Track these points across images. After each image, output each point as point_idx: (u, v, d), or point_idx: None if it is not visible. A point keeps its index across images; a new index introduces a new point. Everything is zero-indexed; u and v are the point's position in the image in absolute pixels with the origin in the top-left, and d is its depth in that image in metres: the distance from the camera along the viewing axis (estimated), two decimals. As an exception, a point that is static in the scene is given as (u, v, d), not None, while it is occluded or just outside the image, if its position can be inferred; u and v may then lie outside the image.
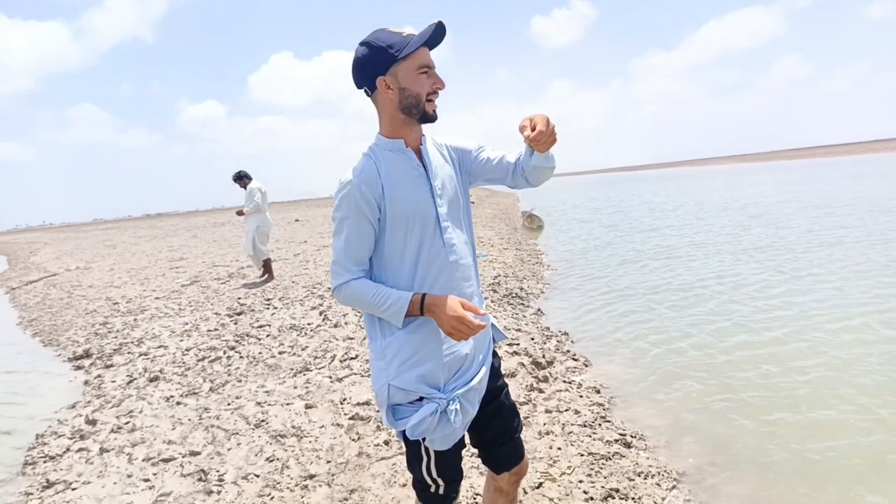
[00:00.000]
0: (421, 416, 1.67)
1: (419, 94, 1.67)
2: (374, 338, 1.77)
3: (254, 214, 9.46)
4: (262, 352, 5.50)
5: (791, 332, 5.34)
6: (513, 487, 1.95)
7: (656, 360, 5.00)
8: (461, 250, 1.80)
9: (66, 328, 7.91)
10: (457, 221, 1.81)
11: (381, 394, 1.74)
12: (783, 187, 27.71)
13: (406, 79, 1.66)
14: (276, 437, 3.65)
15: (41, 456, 3.77)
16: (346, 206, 1.67)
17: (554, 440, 3.39)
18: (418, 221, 1.70)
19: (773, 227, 12.57)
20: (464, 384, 1.76)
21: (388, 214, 1.68)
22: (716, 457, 3.35)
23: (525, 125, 1.65)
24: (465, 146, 1.91)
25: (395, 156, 1.73)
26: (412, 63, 1.65)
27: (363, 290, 1.69)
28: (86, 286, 11.94)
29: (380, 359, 1.74)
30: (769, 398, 4.04)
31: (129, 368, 5.51)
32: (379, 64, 1.66)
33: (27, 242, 39.16)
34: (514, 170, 1.87)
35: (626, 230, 15.15)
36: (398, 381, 1.70)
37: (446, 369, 1.73)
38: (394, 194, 1.68)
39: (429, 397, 1.70)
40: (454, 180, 1.83)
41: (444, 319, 1.64)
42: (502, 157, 1.90)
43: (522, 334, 5.51)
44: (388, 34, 1.66)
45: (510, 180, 1.90)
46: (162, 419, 4.15)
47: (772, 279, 7.56)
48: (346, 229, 1.68)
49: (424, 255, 1.72)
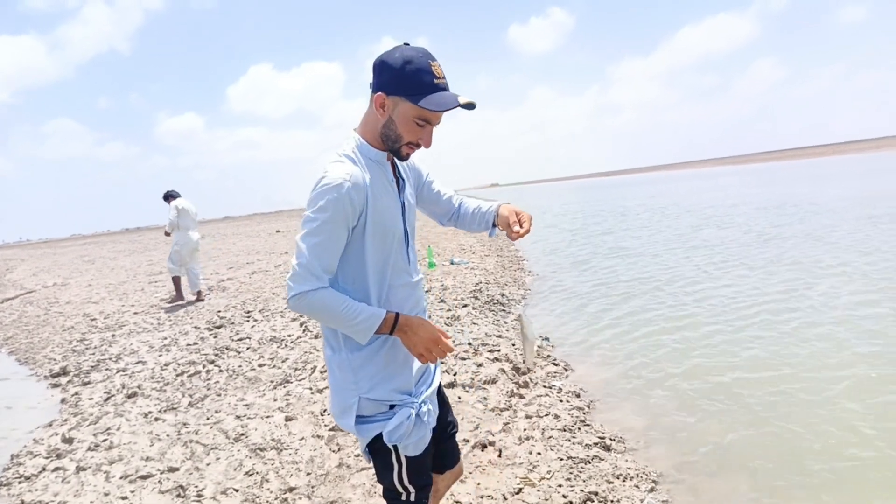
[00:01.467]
0: (398, 422, 1.67)
1: (401, 136, 1.62)
2: (337, 349, 1.71)
3: (173, 232, 9.31)
4: (242, 365, 5.47)
5: (772, 336, 5.42)
6: (446, 489, 2.05)
7: (636, 363, 5.04)
8: (417, 268, 1.84)
9: (43, 346, 7.78)
10: (413, 239, 1.82)
11: (347, 406, 1.70)
12: (754, 189, 28.14)
13: (400, 116, 1.60)
14: (255, 451, 3.62)
15: (16, 476, 3.71)
16: (332, 209, 1.54)
17: (534, 445, 3.40)
18: (390, 236, 1.67)
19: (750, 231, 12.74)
20: (428, 386, 1.81)
21: (366, 224, 1.61)
22: (694, 457, 3.39)
23: (515, 221, 1.81)
24: (420, 168, 1.93)
25: (375, 166, 1.68)
26: (416, 111, 1.58)
27: (332, 301, 1.57)
28: (63, 302, 11.76)
29: (346, 371, 1.69)
30: (748, 399, 4.10)
31: (107, 385, 5.43)
32: (391, 85, 1.57)
33: (3, 260, 38.45)
34: (453, 214, 2.01)
35: (601, 235, 15.27)
36: (372, 394, 1.68)
37: (416, 376, 1.77)
38: (375, 205, 1.62)
39: (401, 404, 1.70)
40: (413, 198, 1.85)
41: (418, 341, 1.63)
42: (450, 196, 2.00)
43: (503, 340, 5.53)
44: (425, 66, 1.55)
45: (444, 220, 2.03)
46: (140, 435, 4.11)
47: (752, 281, 7.67)
48: (326, 234, 1.55)
49: (390, 270, 1.70)
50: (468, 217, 1.99)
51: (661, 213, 20.16)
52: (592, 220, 20.77)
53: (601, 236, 15.01)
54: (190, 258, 9.38)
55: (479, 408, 3.92)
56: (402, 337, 1.64)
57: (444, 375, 4.49)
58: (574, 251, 12.63)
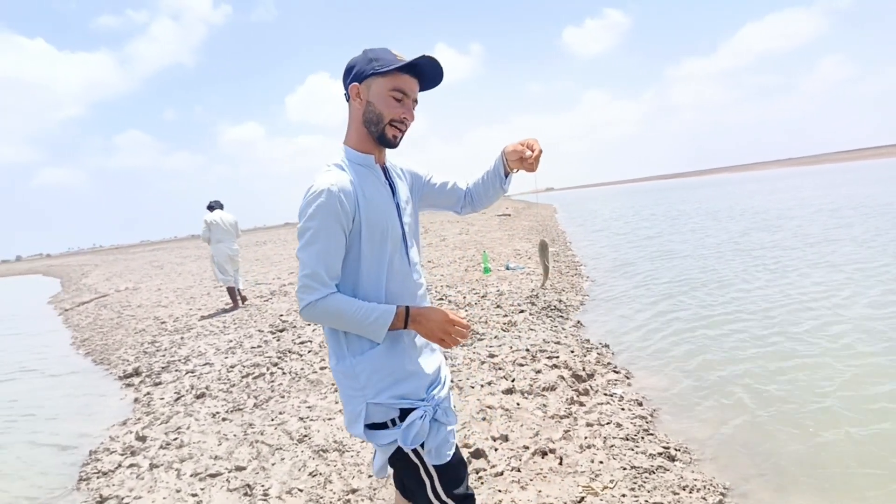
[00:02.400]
0: (410, 421, 1.64)
1: (381, 114, 1.66)
2: (342, 357, 1.70)
3: (210, 245, 9.60)
4: (304, 367, 5.59)
5: (843, 346, 5.18)
6: None
7: (699, 371, 4.89)
8: (420, 270, 1.84)
9: (117, 347, 8.17)
10: (413, 241, 1.82)
11: (355, 413, 1.68)
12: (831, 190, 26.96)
13: (376, 95, 1.65)
14: (318, 452, 3.70)
15: (94, 472, 3.91)
16: (322, 214, 1.57)
17: (596, 454, 3.35)
18: (388, 238, 1.68)
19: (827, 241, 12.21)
20: (440, 388, 1.79)
21: (361, 228, 1.63)
22: (763, 470, 3.26)
23: (522, 149, 1.78)
24: (417, 171, 1.95)
25: (365, 170, 1.71)
26: (388, 82, 1.64)
27: (343, 304, 1.59)
28: (135, 306, 12.32)
29: (351, 378, 1.67)
30: (818, 410, 3.92)
31: (177, 385, 5.66)
32: (358, 72, 1.67)
33: (79, 265, 40.56)
34: (465, 196, 2.03)
35: (661, 239, 14.91)
36: (380, 399, 1.65)
37: (423, 380, 1.73)
38: (368, 208, 1.64)
39: (412, 407, 1.67)
40: (411, 201, 1.86)
41: (434, 327, 1.65)
42: (454, 183, 2.02)
43: (562, 347, 5.46)
44: (384, 51, 1.67)
45: (458, 207, 2.04)
46: (208, 435, 4.26)
47: (822, 291, 7.35)
48: (323, 240, 1.58)
49: (394, 272, 1.71)
50: (480, 187, 1.99)
51: (725, 216, 19.54)
52: (644, 224, 20.30)
53: (657, 239, 14.65)
54: (229, 267, 9.61)
55: (539, 415, 3.89)
56: (417, 328, 1.66)
57: (502, 382, 4.47)
58: (630, 256, 12.37)
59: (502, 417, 3.86)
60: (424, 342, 1.78)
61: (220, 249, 9.50)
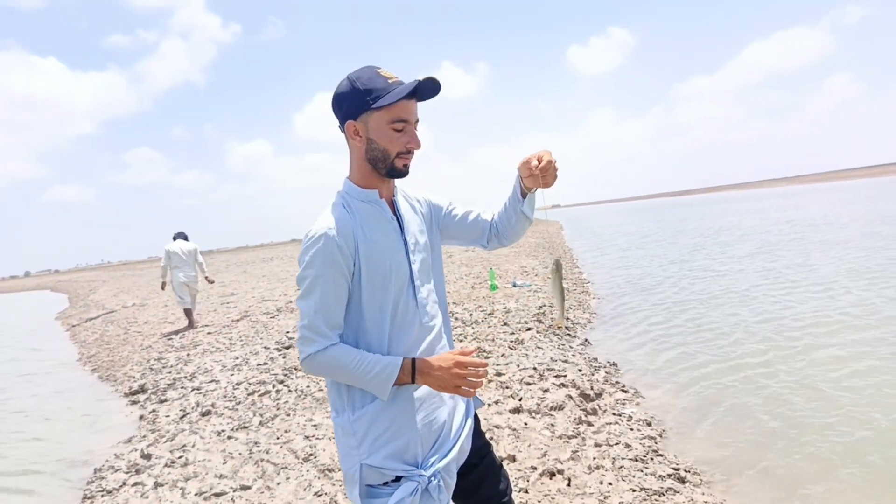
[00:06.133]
0: (399, 497, 1.49)
1: (387, 151, 1.54)
2: (341, 411, 1.59)
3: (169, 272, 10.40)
4: (310, 385, 5.56)
5: (866, 368, 5.11)
6: None
7: (707, 390, 4.84)
8: (433, 310, 1.69)
9: (123, 364, 8.17)
10: (427, 279, 1.69)
11: (350, 474, 1.56)
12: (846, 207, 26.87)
13: (376, 131, 1.53)
14: (324, 472, 3.66)
15: (99, 490, 3.88)
16: (320, 262, 1.48)
17: (604, 475, 3.30)
18: (393, 279, 1.56)
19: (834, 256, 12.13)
20: (443, 456, 1.61)
21: (362, 270, 1.52)
22: (775, 492, 3.21)
23: (529, 158, 1.63)
24: (437, 202, 1.82)
25: (368, 207, 1.60)
26: (386, 115, 1.51)
27: (343, 357, 1.49)
28: (141, 322, 12.34)
29: (349, 435, 1.56)
30: (835, 434, 3.86)
31: (183, 403, 5.64)
32: (352, 108, 1.53)
33: (87, 281, 40.73)
34: (490, 229, 1.85)
35: (670, 258, 14.85)
36: (372, 461, 1.52)
37: (423, 442, 1.58)
38: (370, 248, 1.53)
39: (407, 475, 1.53)
40: (425, 235, 1.73)
41: (445, 376, 1.52)
42: (477, 215, 1.85)
43: (569, 365, 5.42)
44: (373, 75, 1.52)
45: (484, 240, 1.86)
46: (214, 453, 4.23)
47: (836, 304, 7.28)
48: (321, 288, 1.49)
49: (399, 315, 1.58)
50: (503, 215, 1.82)
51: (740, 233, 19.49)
52: (650, 241, 20.25)
53: (664, 257, 14.60)
54: (185, 292, 10.41)
55: (546, 434, 3.85)
56: (427, 380, 1.53)
57: (509, 401, 4.44)
58: (636, 273, 12.32)
59: (509, 437, 3.82)
60: (429, 392, 1.62)
61: (177, 276, 10.31)
